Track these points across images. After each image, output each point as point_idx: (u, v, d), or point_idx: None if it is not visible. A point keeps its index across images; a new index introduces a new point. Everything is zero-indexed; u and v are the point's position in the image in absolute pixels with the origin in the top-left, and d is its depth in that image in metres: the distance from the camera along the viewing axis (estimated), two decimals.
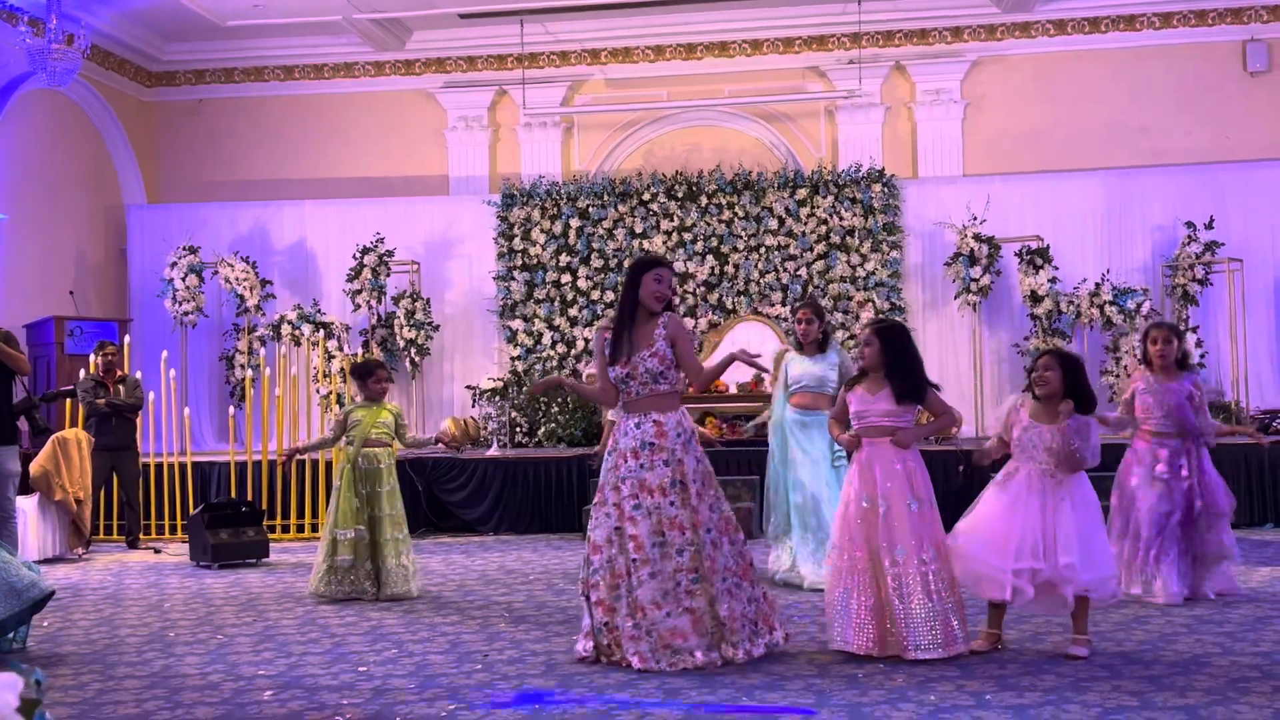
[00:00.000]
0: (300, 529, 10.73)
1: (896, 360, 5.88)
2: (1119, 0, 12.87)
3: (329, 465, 10.62)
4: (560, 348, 12.73)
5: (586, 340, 12.50)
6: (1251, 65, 12.75)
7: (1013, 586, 5.62)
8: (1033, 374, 5.96)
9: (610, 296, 12.71)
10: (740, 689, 5.20)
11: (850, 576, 5.75)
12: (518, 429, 12.31)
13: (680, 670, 5.51)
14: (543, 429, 12.25)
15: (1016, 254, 12.05)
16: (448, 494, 11.06)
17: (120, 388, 10.39)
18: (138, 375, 10.78)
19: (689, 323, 12.53)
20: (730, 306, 12.61)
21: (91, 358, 10.64)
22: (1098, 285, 11.77)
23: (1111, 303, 11.64)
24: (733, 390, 11.70)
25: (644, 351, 5.72)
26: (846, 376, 7.01)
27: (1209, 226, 11.76)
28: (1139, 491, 7.01)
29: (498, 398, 11.87)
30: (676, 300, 5.99)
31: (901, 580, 5.62)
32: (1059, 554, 5.61)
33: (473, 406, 12.34)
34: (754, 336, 12.31)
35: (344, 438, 7.95)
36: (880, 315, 6.66)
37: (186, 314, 12.70)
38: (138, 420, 10.59)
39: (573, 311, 12.76)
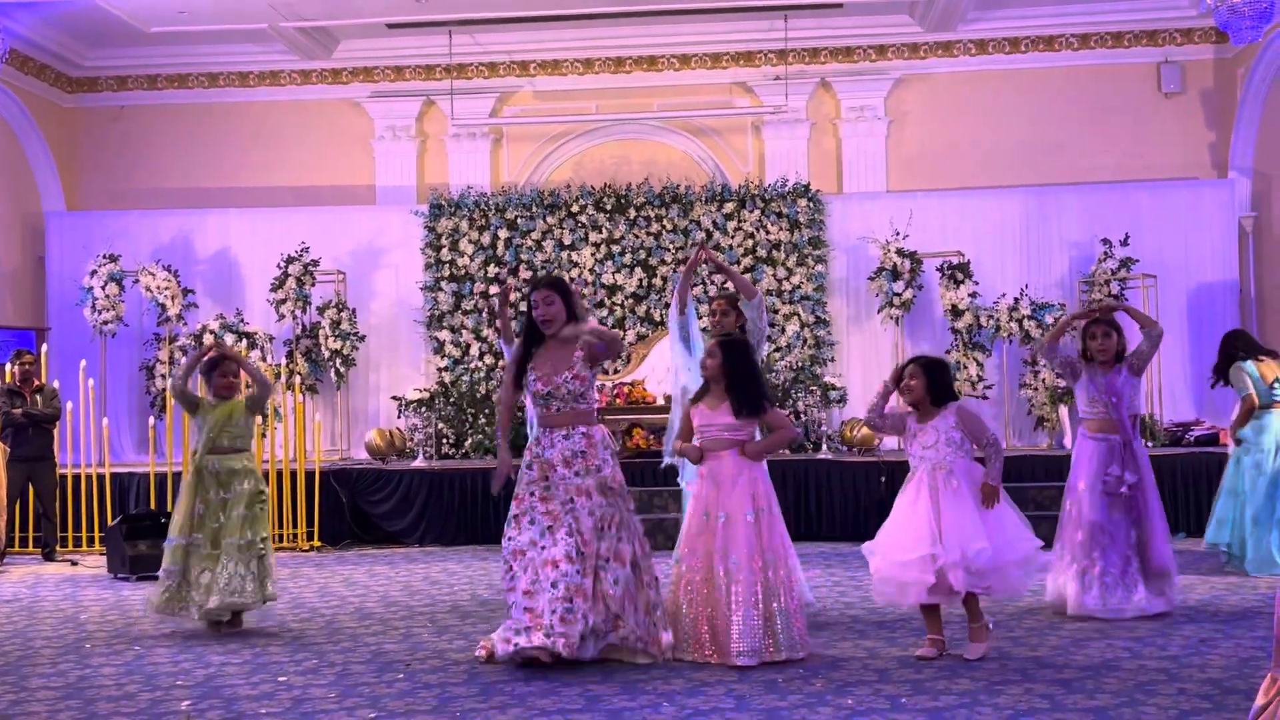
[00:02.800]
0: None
1: (735, 374, 5.98)
2: (1039, 21, 13.14)
3: None
4: (488, 359, 12.70)
5: None
6: (1166, 86, 13.08)
7: (922, 584, 5.77)
8: (899, 384, 6.12)
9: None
10: (661, 694, 5.25)
11: (688, 589, 5.89)
12: (444, 440, 12.26)
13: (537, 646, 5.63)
14: (469, 440, 12.22)
15: (938, 269, 12.24)
16: (372, 506, 10.98)
17: (37, 397, 10.21)
18: (55, 385, 10.60)
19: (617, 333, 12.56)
20: (658, 319, 12.67)
21: (8, 367, 10.44)
22: (1016, 300, 12.00)
23: (1030, 317, 11.86)
24: (660, 401, 11.75)
25: (566, 374, 5.96)
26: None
27: (1124, 243, 12.04)
28: (1088, 495, 6.93)
29: (424, 409, 11.82)
30: (557, 315, 6.01)
31: (731, 589, 5.74)
32: (969, 540, 5.74)
33: (398, 417, 12.26)
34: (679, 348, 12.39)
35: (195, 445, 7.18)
36: (728, 333, 6.61)
37: (106, 323, 12.49)
38: (55, 430, 10.41)
39: (500, 323, 12.71)
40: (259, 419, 7.48)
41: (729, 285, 12.38)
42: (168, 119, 14.09)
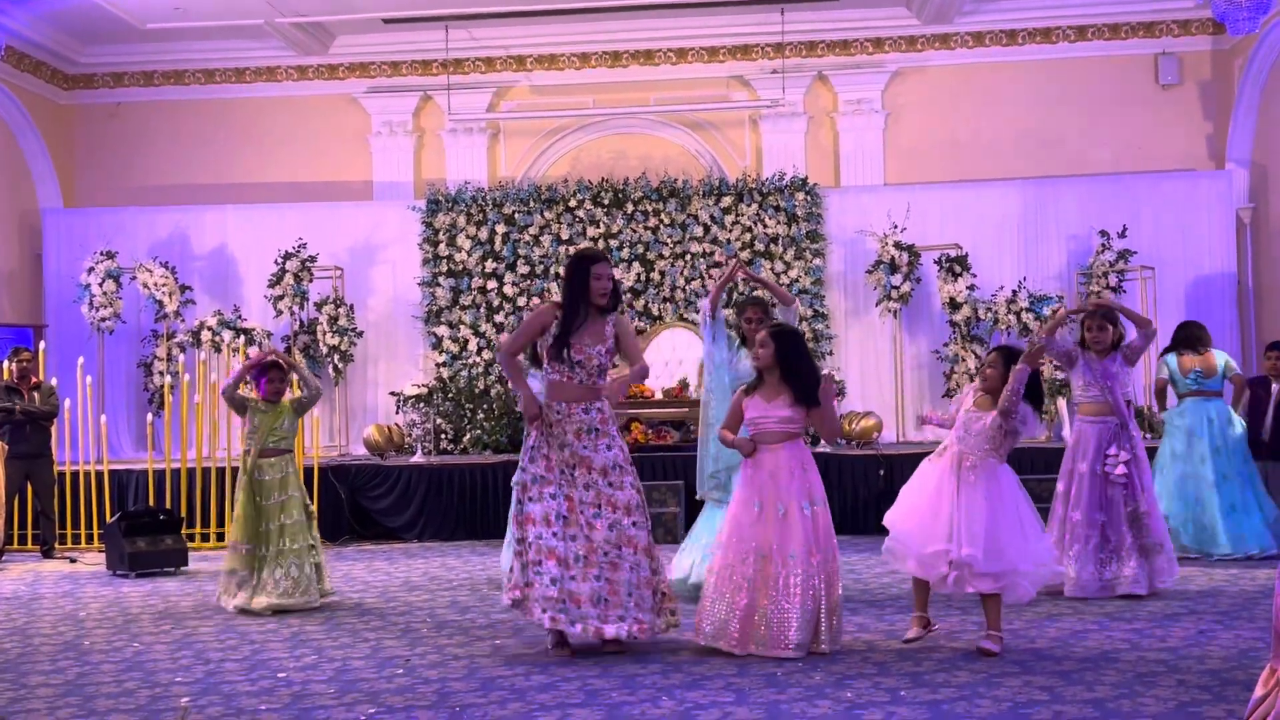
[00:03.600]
0: (220, 537, 10.56)
1: (789, 363, 5.97)
2: (1036, 13, 13.12)
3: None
4: (486, 354, 12.69)
5: None
6: (1163, 78, 13.07)
7: (930, 566, 5.86)
8: (979, 369, 6.20)
9: (536, 302, 12.71)
10: (661, 688, 5.25)
11: (729, 578, 5.87)
12: (443, 435, 12.25)
13: (583, 634, 5.81)
14: (468, 435, 12.20)
15: (936, 262, 12.23)
16: (371, 501, 10.97)
17: (35, 394, 10.19)
18: (53, 382, 10.58)
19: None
20: (656, 313, 12.67)
21: (5, 364, 10.43)
22: (1014, 292, 11.99)
23: (1028, 309, 11.85)
24: (658, 396, 11.76)
25: (599, 347, 6.04)
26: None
27: (1122, 235, 12.04)
28: (1088, 476, 7.34)
29: (422, 404, 11.81)
30: (610, 289, 6.11)
31: (789, 581, 5.75)
32: (963, 543, 5.79)
33: (397, 413, 12.26)
34: (680, 343, 12.42)
35: (245, 444, 7.74)
36: (774, 321, 6.66)
37: (104, 320, 12.48)
38: (52, 428, 10.40)
39: (499, 318, 12.73)
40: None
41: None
42: (164, 115, 14.07)
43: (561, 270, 12.60)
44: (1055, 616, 6.64)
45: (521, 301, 12.76)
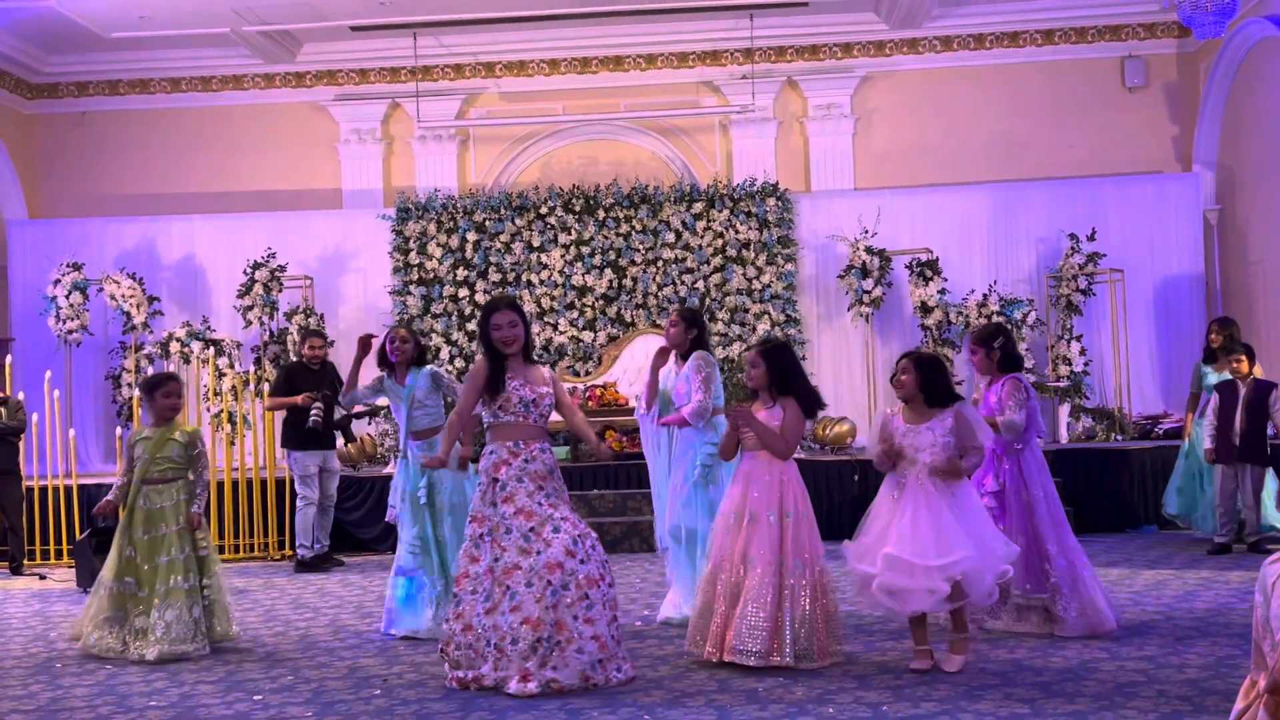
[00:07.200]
0: None
1: (785, 378, 5.97)
2: (1004, 18, 13.19)
3: (219, 486, 10.42)
4: (459, 363, 12.64)
5: None
6: (1129, 81, 13.16)
7: (930, 594, 5.57)
8: (893, 379, 6.04)
9: None
10: (642, 707, 5.22)
11: (709, 589, 5.91)
12: None
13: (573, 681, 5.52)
14: None
15: (907, 266, 12.27)
16: (344, 513, 10.88)
17: (2, 409, 10.05)
18: (20, 396, 10.44)
19: (588, 336, 12.59)
20: (629, 320, 12.65)
21: None
22: (985, 296, 12.03)
23: (999, 313, 11.90)
24: (632, 404, 11.72)
25: (543, 388, 5.91)
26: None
27: (1091, 238, 12.10)
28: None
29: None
30: (519, 336, 5.88)
31: (744, 586, 5.74)
32: (952, 550, 5.55)
33: (369, 424, 12.17)
34: (652, 349, 12.30)
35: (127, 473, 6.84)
36: (768, 334, 6.64)
37: (70, 332, 12.35)
38: (20, 443, 10.26)
39: (471, 326, 12.67)
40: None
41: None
42: (130, 124, 13.94)
43: (533, 278, 12.67)
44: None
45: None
